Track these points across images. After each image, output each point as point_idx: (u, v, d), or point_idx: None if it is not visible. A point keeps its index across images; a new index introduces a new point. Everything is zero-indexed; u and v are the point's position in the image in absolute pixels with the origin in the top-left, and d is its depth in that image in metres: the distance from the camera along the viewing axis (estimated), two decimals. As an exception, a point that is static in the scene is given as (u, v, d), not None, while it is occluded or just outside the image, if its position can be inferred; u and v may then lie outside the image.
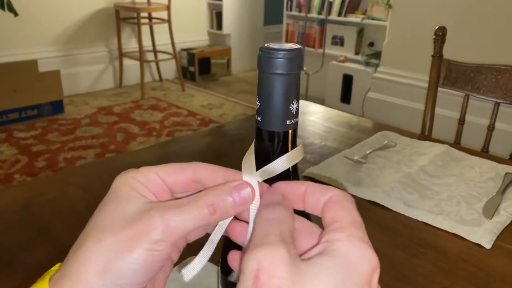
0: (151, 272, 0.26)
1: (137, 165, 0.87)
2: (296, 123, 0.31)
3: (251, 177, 0.29)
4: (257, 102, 0.31)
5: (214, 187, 0.28)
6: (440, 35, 1.14)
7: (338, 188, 0.30)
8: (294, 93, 0.30)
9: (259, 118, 0.31)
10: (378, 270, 0.23)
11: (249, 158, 0.31)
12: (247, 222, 0.28)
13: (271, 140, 0.31)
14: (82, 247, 0.26)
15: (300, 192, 0.28)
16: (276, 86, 0.30)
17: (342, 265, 0.22)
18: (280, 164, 0.30)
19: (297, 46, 0.29)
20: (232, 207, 0.27)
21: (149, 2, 3.56)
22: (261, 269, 0.21)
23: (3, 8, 2.51)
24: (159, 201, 0.28)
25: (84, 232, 0.27)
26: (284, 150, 0.31)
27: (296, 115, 0.31)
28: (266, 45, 0.30)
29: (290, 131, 0.31)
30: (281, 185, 0.29)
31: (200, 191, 0.29)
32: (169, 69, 3.99)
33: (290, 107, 0.30)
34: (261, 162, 0.31)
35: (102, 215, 0.27)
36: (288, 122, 0.31)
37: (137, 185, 0.28)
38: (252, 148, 0.31)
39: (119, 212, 0.26)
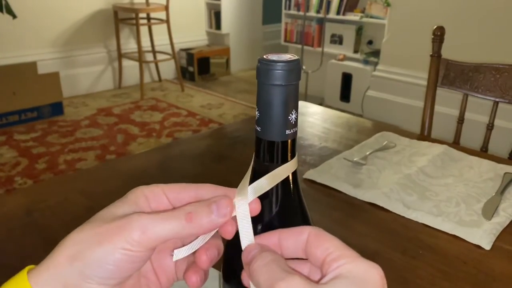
0: (122, 271, 0.27)
1: (137, 169, 0.87)
2: (295, 132, 0.32)
3: (242, 197, 0.30)
4: (256, 113, 0.31)
5: (196, 201, 0.30)
6: (439, 35, 1.14)
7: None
8: (293, 103, 0.31)
9: (258, 128, 0.31)
10: (385, 280, 0.25)
11: (244, 181, 0.32)
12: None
13: (270, 149, 0.32)
14: (67, 237, 0.28)
15: (274, 242, 0.29)
16: (275, 97, 0.30)
17: (357, 282, 0.24)
18: (265, 183, 0.31)
19: (295, 57, 0.30)
20: (207, 215, 0.29)
21: (147, 3, 3.56)
22: None
23: (1, 11, 2.51)
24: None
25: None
26: (284, 160, 0.32)
27: (295, 124, 0.31)
28: (264, 56, 0.30)
29: (290, 140, 0.32)
30: (255, 240, 0.30)
31: None
32: (168, 69, 3.99)
33: (289, 117, 0.31)
34: (261, 172, 0.32)
35: (97, 215, 0.29)
36: (288, 131, 0.31)
37: (139, 196, 0.30)
38: (248, 172, 0.32)
39: (110, 212, 0.29)
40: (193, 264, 0.31)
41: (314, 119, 1.07)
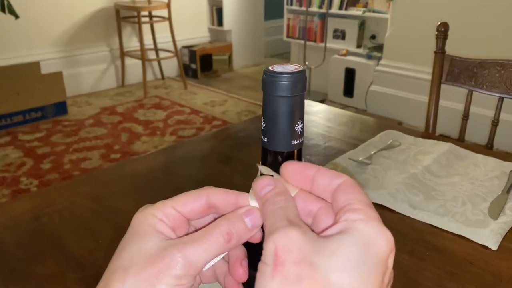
0: None
1: (142, 172, 0.87)
2: (302, 142, 0.32)
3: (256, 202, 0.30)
4: (262, 123, 0.32)
5: (226, 216, 0.29)
6: (442, 31, 1.13)
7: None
8: (298, 114, 0.31)
9: (265, 139, 0.32)
10: (394, 251, 0.24)
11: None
12: None
13: (277, 160, 0.32)
14: None
15: (310, 175, 0.29)
16: (281, 108, 0.30)
17: (361, 243, 0.23)
18: None
19: (301, 68, 0.30)
20: (245, 232, 0.29)
21: (149, 1, 3.55)
22: (278, 247, 0.23)
23: (3, 11, 2.51)
24: (176, 235, 0.30)
25: (109, 272, 0.27)
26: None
27: (301, 135, 0.32)
28: (270, 68, 0.30)
29: (296, 150, 0.32)
30: (290, 165, 0.30)
31: (215, 219, 0.30)
32: (171, 67, 3.99)
33: (295, 127, 0.31)
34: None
35: (124, 255, 0.27)
36: (294, 142, 0.31)
37: (156, 223, 0.29)
38: (258, 175, 0.32)
39: (140, 251, 0.27)
40: (229, 278, 0.31)
41: (318, 118, 1.07)
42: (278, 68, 0.30)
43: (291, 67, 0.30)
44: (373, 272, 0.22)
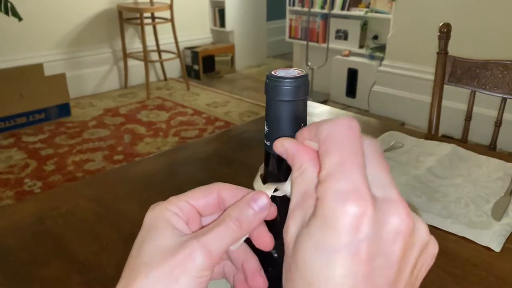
0: None
1: (145, 174, 0.87)
2: (304, 146, 0.32)
3: (264, 188, 0.31)
4: (265, 127, 0.32)
5: (234, 204, 0.30)
6: (445, 32, 1.13)
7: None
8: (301, 118, 0.31)
9: (268, 143, 0.32)
10: (365, 216, 0.21)
11: (258, 178, 0.32)
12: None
13: (279, 164, 0.32)
14: (133, 285, 0.26)
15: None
16: (283, 113, 0.30)
17: (319, 228, 0.22)
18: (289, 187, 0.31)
19: (303, 72, 0.30)
20: (254, 216, 0.29)
21: (151, 2, 3.56)
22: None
23: (7, 14, 2.52)
24: (190, 228, 0.30)
25: (129, 269, 0.27)
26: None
27: (304, 139, 0.32)
28: (273, 72, 0.30)
29: (299, 154, 0.32)
30: (303, 131, 0.29)
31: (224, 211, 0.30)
32: (173, 68, 3.99)
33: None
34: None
35: (143, 252, 0.27)
36: (297, 146, 0.31)
37: (171, 217, 0.29)
38: (258, 173, 0.33)
39: (159, 246, 0.27)
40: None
41: (321, 119, 1.07)
42: (281, 72, 0.30)
43: (294, 72, 0.30)
44: (337, 257, 0.22)
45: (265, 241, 0.30)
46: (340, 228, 0.21)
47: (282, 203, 0.31)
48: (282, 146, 0.28)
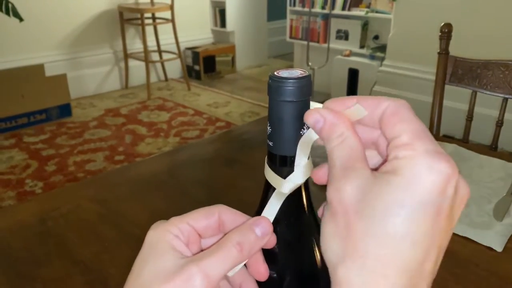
0: None
1: (146, 175, 0.87)
2: (307, 146, 0.32)
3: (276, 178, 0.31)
4: (268, 128, 0.32)
5: (236, 228, 0.30)
6: (446, 32, 1.13)
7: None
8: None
9: (271, 143, 0.32)
10: (453, 177, 0.23)
11: (267, 166, 0.33)
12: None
13: (283, 164, 0.32)
14: None
15: (351, 105, 0.29)
16: (286, 113, 0.30)
17: (405, 184, 0.23)
18: (299, 175, 0.32)
19: (306, 73, 0.30)
20: (256, 241, 0.29)
21: (152, 2, 3.56)
22: (331, 199, 0.26)
23: (8, 14, 2.52)
24: (190, 250, 0.30)
25: None
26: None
27: (307, 139, 0.32)
28: (275, 73, 0.30)
29: (302, 155, 0.32)
30: (332, 101, 0.30)
31: (225, 235, 0.30)
32: (174, 68, 4.00)
33: (301, 132, 0.31)
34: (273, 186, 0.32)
35: (144, 274, 0.28)
36: (299, 146, 0.31)
37: (172, 239, 0.29)
38: (266, 162, 0.33)
39: (159, 268, 0.28)
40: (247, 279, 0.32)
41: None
42: (283, 73, 0.30)
43: (297, 72, 0.30)
44: (421, 214, 0.22)
45: (260, 271, 0.31)
46: (431, 185, 0.22)
47: (288, 202, 0.32)
48: (319, 115, 0.28)
